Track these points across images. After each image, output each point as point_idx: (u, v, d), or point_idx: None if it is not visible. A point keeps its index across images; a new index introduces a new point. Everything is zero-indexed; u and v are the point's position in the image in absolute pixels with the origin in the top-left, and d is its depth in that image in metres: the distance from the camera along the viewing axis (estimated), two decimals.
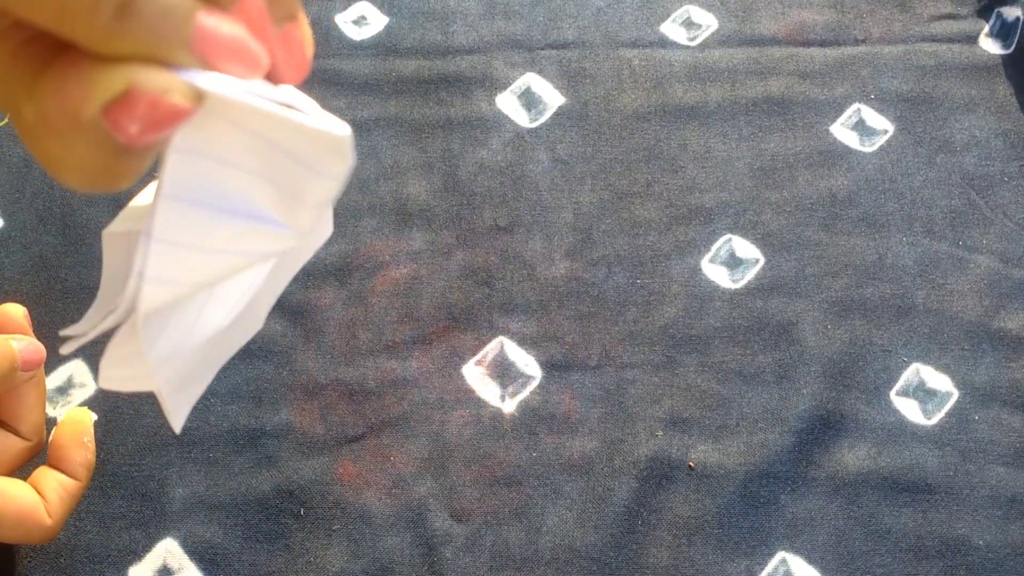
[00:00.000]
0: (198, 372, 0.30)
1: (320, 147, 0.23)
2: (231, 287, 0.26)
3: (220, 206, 0.24)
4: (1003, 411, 0.44)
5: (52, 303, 0.47)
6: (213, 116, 0.21)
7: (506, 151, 0.52)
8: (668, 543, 0.41)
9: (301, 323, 0.46)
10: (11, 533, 0.36)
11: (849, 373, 0.45)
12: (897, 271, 0.48)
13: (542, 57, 0.56)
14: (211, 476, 0.42)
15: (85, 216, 0.50)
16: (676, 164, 0.52)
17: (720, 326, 0.46)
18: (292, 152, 0.23)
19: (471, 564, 0.40)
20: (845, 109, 0.54)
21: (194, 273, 0.24)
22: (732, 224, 0.50)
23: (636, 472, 0.42)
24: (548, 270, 0.48)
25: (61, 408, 0.44)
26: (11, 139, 0.53)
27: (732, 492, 0.42)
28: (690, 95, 0.54)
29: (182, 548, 0.40)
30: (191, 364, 0.29)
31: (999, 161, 0.51)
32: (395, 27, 0.57)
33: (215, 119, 0.21)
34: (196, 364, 0.30)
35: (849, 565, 0.40)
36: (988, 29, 0.57)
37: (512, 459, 0.43)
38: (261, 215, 0.25)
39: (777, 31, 0.57)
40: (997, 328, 0.46)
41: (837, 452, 0.43)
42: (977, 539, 0.40)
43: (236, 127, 0.21)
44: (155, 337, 0.26)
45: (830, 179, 0.51)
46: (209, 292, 0.26)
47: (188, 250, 0.24)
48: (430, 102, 0.54)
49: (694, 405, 0.44)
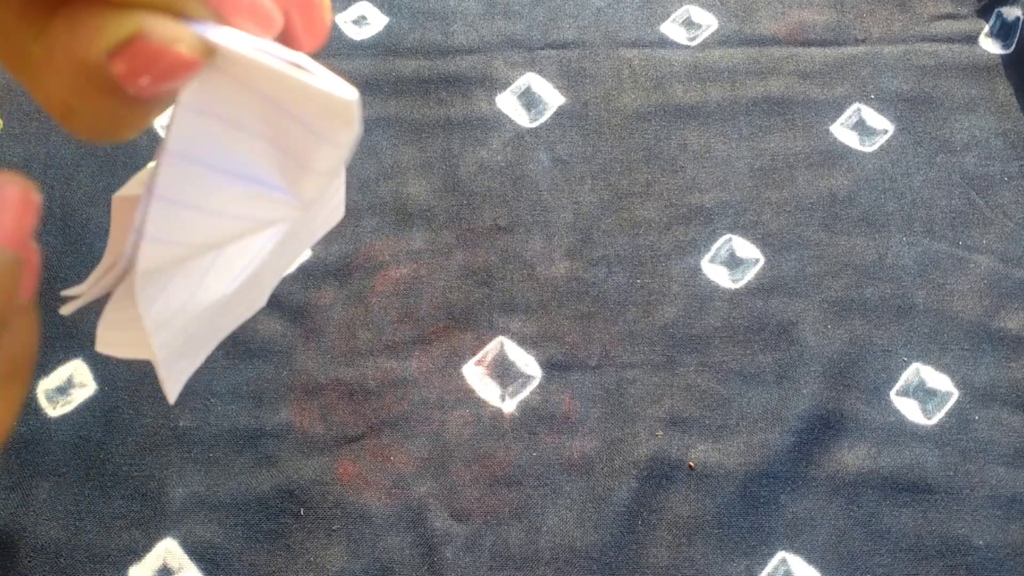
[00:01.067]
0: (197, 341, 0.30)
1: (327, 111, 0.23)
2: (234, 255, 0.26)
3: (224, 168, 0.24)
4: (1003, 411, 0.44)
5: (52, 303, 0.47)
6: (222, 74, 0.20)
7: (506, 151, 0.52)
8: (668, 543, 0.41)
9: (301, 323, 0.46)
10: None
11: (849, 373, 0.45)
12: (897, 271, 0.48)
13: (542, 57, 0.56)
14: (211, 476, 0.42)
15: (85, 216, 0.50)
16: (676, 164, 0.52)
17: (720, 326, 0.46)
18: (299, 116, 0.23)
19: (471, 564, 0.40)
20: (845, 109, 0.54)
21: (195, 234, 0.24)
22: (732, 224, 0.50)
23: (636, 472, 0.42)
24: (548, 270, 0.48)
25: (61, 409, 0.44)
26: (11, 139, 0.53)
27: (732, 492, 0.42)
28: (690, 95, 0.54)
29: (182, 548, 0.40)
30: (190, 332, 0.28)
31: (999, 161, 0.51)
32: (395, 27, 0.57)
33: (224, 78, 0.21)
34: (196, 332, 0.29)
35: (849, 565, 0.40)
36: (988, 29, 0.57)
37: (512, 459, 0.43)
38: (265, 180, 0.24)
39: (777, 31, 0.57)
40: (997, 328, 0.46)
41: (837, 452, 0.43)
42: (977, 539, 0.40)
43: (244, 87, 0.21)
44: (153, 298, 0.25)
45: (830, 179, 0.51)
46: (212, 259, 0.26)
47: (190, 210, 0.23)
48: (430, 102, 0.54)
49: (694, 405, 0.44)
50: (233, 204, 0.24)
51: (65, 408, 0.44)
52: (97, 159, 0.52)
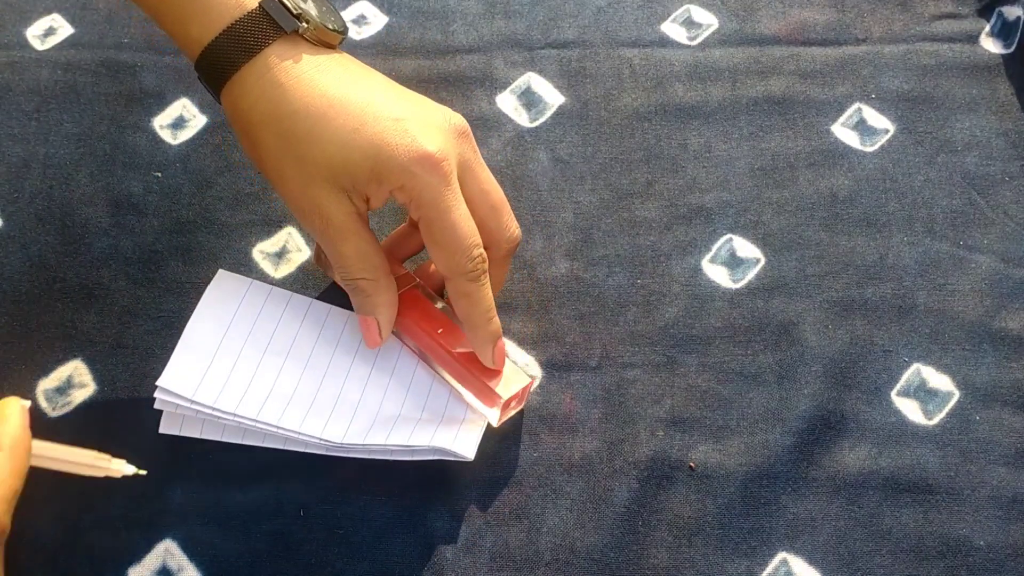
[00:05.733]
0: (209, 424, 0.42)
1: (457, 449, 0.41)
2: (288, 421, 0.41)
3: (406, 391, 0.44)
4: (1004, 411, 0.44)
5: (52, 303, 0.47)
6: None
7: (506, 151, 0.52)
8: (668, 543, 0.41)
9: None
10: None
11: (850, 373, 0.45)
12: (898, 271, 0.48)
13: (542, 57, 0.56)
14: (211, 477, 0.42)
15: (85, 216, 0.50)
16: (676, 164, 0.52)
17: (720, 326, 0.46)
18: (455, 417, 0.43)
19: (471, 564, 0.40)
20: (846, 109, 0.54)
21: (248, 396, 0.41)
22: (732, 224, 0.50)
23: (636, 472, 0.42)
24: (548, 270, 0.48)
25: (61, 409, 0.44)
26: (11, 139, 0.53)
27: (732, 492, 0.42)
28: (690, 95, 0.54)
29: (182, 548, 0.40)
30: (210, 421, 0.42)
31: (1000, 161, 0.51)
32: (395, 27, 0.57)
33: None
34: (214, 423, 0.42)
35: (850, 565, 0.40)
36: (989, 28, 0.56)
37: (512, 459, 0.43)
38: (401, 414, 0.43)
39: (778, 30, 0.57)
40: (998, 328, 0.46)
41: (838, 452, 0.43)
42: (978, 539, 0.40)
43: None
44: (207, 389, 0.41)
45: (831, 179, 0.51)
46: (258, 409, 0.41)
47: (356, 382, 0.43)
48: None
49: (694, 405, 0.44)
50: (373, 400, 0.42)
51: (64, 408, 0.44)
52: (97, 159, 0.52)
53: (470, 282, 0.39)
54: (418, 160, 0.38)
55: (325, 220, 0.39)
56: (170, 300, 0.47)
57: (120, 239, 0.49)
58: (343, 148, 0.38)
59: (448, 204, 0.38)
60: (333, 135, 0.38)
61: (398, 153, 0.38)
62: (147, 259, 0.49)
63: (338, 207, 0.39)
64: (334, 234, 0.39)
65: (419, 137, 0.38)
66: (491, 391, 0.41)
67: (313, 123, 0.38)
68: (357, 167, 0.38)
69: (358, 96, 0.39)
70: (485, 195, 0.41)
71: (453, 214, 0.38)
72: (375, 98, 0.39)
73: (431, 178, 0.38)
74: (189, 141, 0.53)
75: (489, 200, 0.41)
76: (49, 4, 0.58)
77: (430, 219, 0.38)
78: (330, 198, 0.39)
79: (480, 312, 0.40)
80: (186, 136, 0.53)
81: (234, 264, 0.48)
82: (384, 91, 0.40)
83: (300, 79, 0.39)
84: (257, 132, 0.40)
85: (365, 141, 0.38)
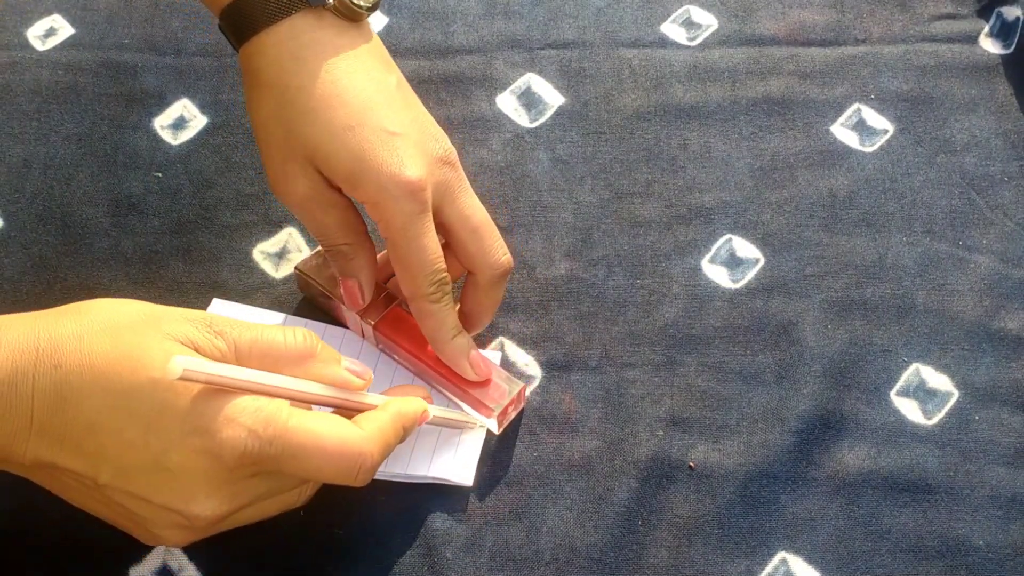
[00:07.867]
0: None
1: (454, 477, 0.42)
2: None
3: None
4: (1003, 411, 0.44)
5: (52, 303, 0.47)
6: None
7: (506, 151, 0.52)
8: (668, 543, 0.41)
9: None
10: None
11: (849, 373, 0.45)
12: (897, 271, 0.48)
13: (542, 57, 0.56)
14: None
15: (85, 216, 0.50)
16: (676, 164, 0.52)
17: (720, 326, 0.46)
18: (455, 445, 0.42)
19: (471, 564, 0.40)
20: (845, 109, 0.54)
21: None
22: (732, 224, 0.50)
23: (636, 472, 0.42)
24: (548, 270, 0.48)
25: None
26: (11, 139, 0.53)
27: (732, 492, 0.42)
28: (690, 95, 0.54)
29: (182, 549, 0.40)
30: None
31: (999, 161, 0.51)
32: (395, 27, 0.57)
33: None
34: None
35: (849, 565, 0.40)
36: (988, 29, 0.57)
37: (512, 459, 0.43)
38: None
39: (777, 31, 0.57)
40: (997, 328, 0.46)
41: (837, 452, 0.43)
42: (977, 539, 0.40)
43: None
44: None
45: (830, 179, 0.51)
46: None
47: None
48: (430, 102, 0.54)
49: (694, 405, 0.44)
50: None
51: None
52: (97, 159, 0.52)
53: (432, 303, 0.40)
54: (397, 183, 0.38)
55: (299, 193, 0.40)
56: (170, 300, 0.47)
57: (120, 239, 0.49)
58: (331, 141, 0.38)
59: (417, 232, 0.39)
60: (327, 125, 0.39)
61: (381, 169, 0.38)
62: (147, 259, 0.49)
63: (312, 183, 0.40)
64: (312, 206, 0.40)
65: (405, 159, 0.38)
66: (482, 403, 0.42)
67: (315, 104, 0.39)
68: (338, 163, 0.39)
69: (365, 94, 0.39)
70: (465, 219, 0.41)
71: (420, 240, 0.39)
72: (379, 102, 0.40)
73: (406, 204, 0.38)
74: (189, 141, 0.53)
75: (470, 224, 0.41)
76: (50, 5, 0.58)
77: (396, 243, 0.39)
78: (306, 174, 0.39)
79: (444, 331, 0.41)
80: (186, 136, 0.53)
81: (234, 264, 0.48)
82: (391, 97, 0.41)
83: (316, 57, 0.39)
84: (262, 91, 0.40)
85: (354, 143, 0.38)
